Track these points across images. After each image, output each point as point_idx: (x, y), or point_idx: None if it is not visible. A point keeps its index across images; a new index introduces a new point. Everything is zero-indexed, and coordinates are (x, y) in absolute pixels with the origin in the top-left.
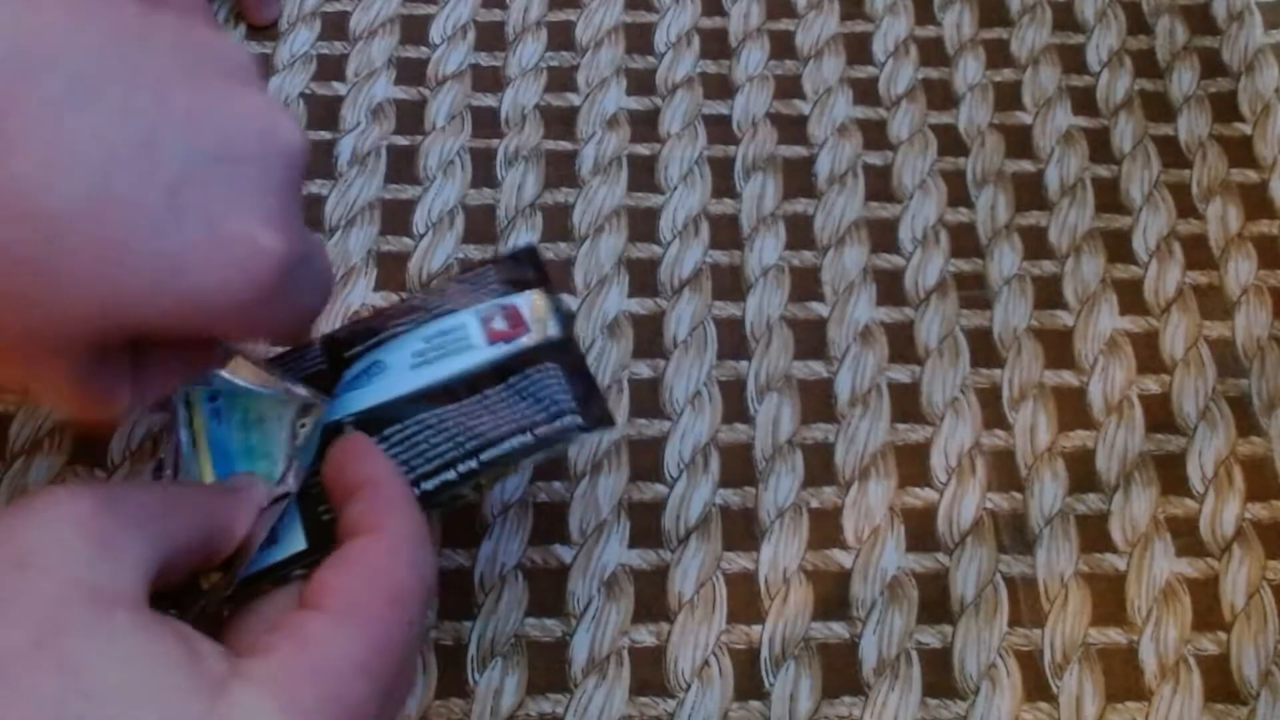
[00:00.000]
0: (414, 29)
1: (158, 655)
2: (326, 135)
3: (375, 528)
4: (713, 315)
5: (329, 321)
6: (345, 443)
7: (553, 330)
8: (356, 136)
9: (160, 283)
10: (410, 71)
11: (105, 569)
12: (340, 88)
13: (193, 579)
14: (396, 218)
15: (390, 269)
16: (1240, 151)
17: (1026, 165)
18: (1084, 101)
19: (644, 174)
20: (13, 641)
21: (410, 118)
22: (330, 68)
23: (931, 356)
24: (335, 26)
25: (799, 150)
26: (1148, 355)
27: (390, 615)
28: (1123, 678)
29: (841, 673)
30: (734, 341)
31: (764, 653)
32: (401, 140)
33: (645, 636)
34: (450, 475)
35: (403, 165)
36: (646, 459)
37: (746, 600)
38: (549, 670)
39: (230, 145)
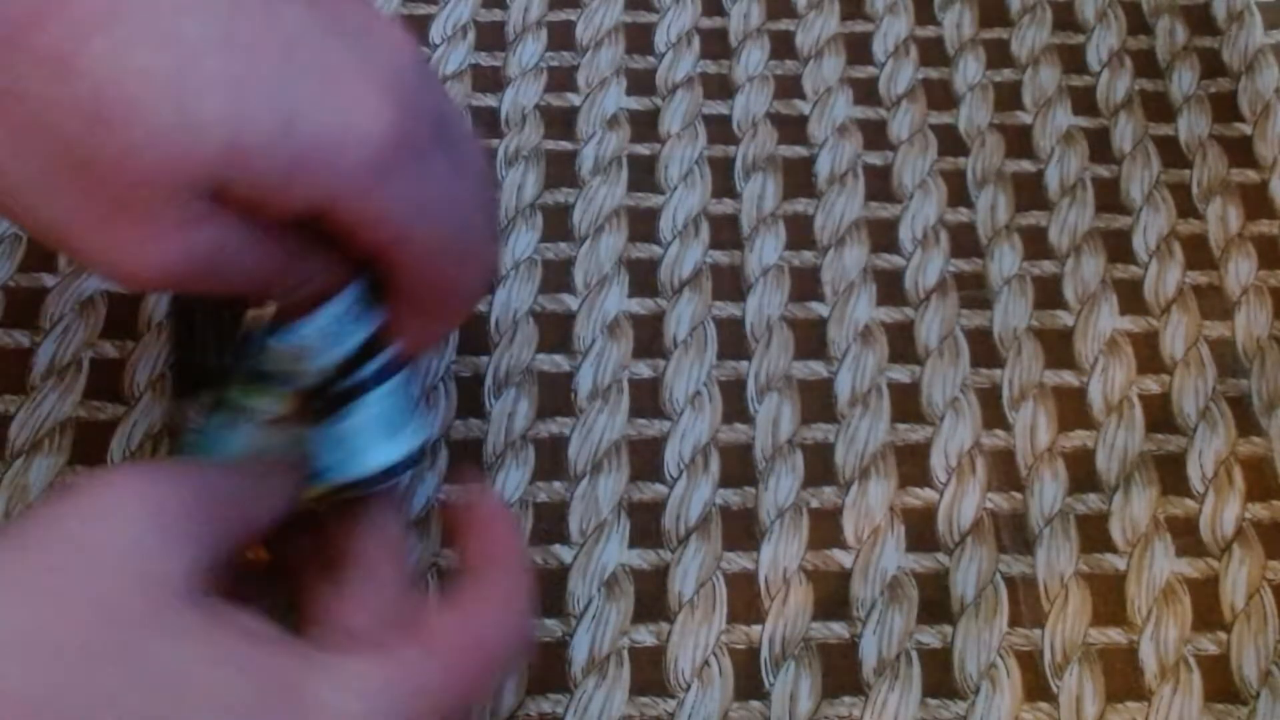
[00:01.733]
0: (414, 29)
1: (227, 654)
2: None
3: (492, 591)
4: (713, 315)
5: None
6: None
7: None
8: None
9: (277, 133)
10: None
11: (172, 561)
12: None
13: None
14: None
15: None
16: (1240, 151)
17: (1026, 165)
18: (1084, 101)
19: (644, 174)
20: (75, 634)
21: None
22: None
23: (931, 356)
24: None
25: (799, 150)
26: (1148, 355)
27: (482, 680)
28: (1123, 678)
29: (841, 673)
30: (734, 341)
31: (764, 653)
32: None
33: (645, 636)
34: None
35: None
36: (646, 459)
37: (746, 600)
38: (549, 670)
39: (341, 24)
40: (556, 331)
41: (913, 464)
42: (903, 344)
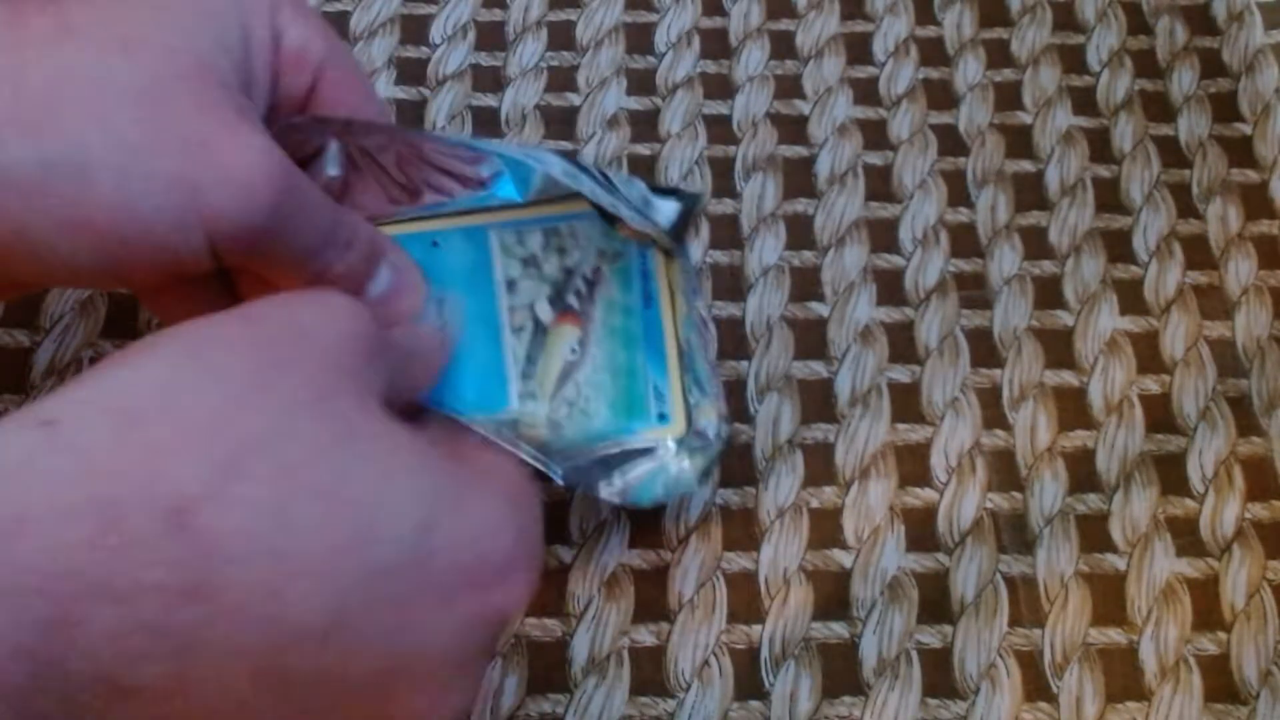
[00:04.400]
0: (414, 29)
1: (406, 437)
2: None
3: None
4: (713, 315)
5: None
6: None
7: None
8: None
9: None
10: (410, 71)
11: (373, 374)
12: None
13: None
14: None
15: None
16: (1240, 151)
17: (1026, 165)
18: (1084, 101)
19: (644, 174)
20: (297, 392)
21: (410, 118)
22: None
23: (931, 356)
24: (335, 26)
25: (799, 150)
26: (1148, 355)
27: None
28: (1123, 678)
29: (841, 673)
30: (734, 341)
31: (764, 653)
32: None
33: (645, 636)
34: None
35: None
36: None
37: (746, 600)
38: (549, 670)
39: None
40: None
41: (913, 464)
42: (903, 344)
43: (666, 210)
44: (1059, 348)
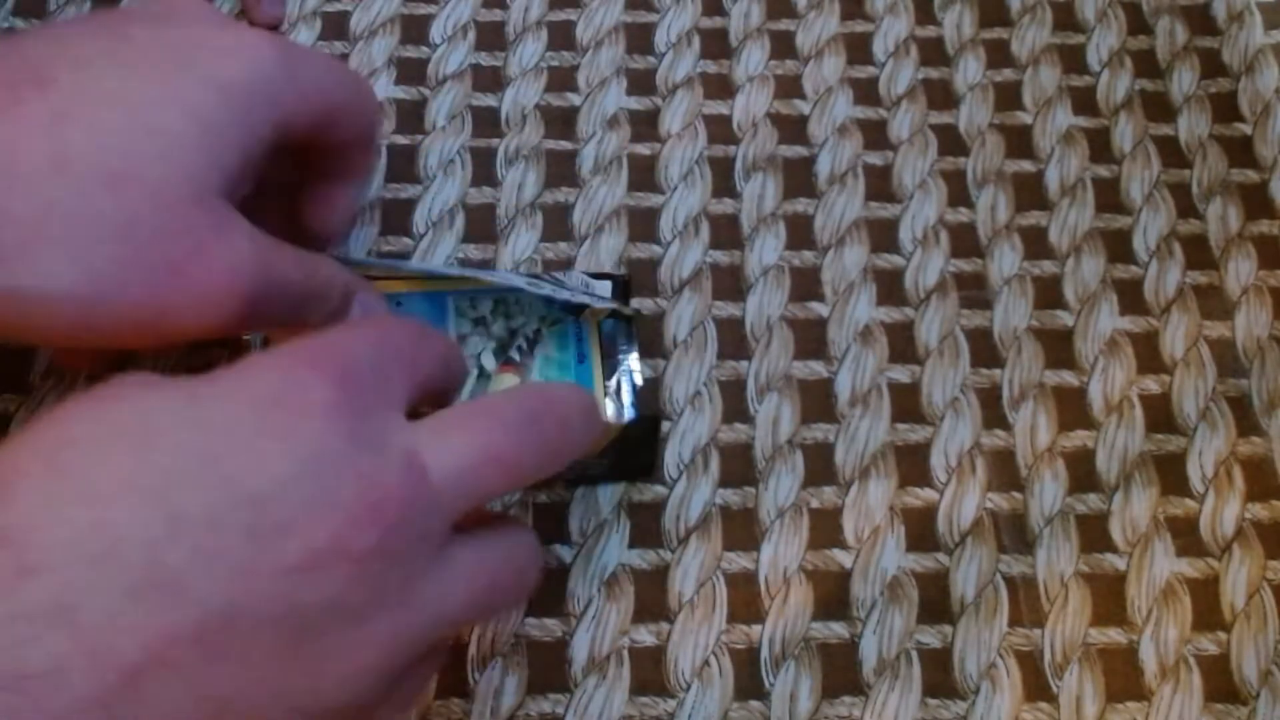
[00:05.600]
0: (414, 29)
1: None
2: None
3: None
4: (713, 315)
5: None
6: None
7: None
8: None
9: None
10: (410, 71)
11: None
12: None
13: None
14: (396, 217)
15: None
16: (1240, 151)
17: (1026, 165)
18: (1084, 101)
19: (644, 174)
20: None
21: (410, 117)
22: None
23: (931, 356)
24: (335, 26)
25: (799, 150)
26: (1148, 355)
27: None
28: (1123, 678)
29: (841, 673)
30: (734, 341)
31: (764, 653)
32: (401, 139)
33: (645, 636)
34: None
35: (403, 164)
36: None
37: (746, 600)
38: (549, 670)
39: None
40: None
41: (913, 464)
42: (903, 344)
43: (603, 289)
44: (1059, 348)
